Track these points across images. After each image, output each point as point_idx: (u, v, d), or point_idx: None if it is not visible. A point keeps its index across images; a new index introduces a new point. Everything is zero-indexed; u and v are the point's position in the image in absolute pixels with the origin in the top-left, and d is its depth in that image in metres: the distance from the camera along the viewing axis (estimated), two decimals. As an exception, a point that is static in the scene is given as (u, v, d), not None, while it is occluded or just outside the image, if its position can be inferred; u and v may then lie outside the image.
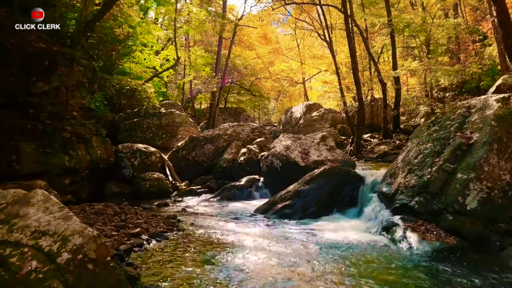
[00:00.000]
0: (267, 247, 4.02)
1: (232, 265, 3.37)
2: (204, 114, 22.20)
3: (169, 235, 4.50)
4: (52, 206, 2.60)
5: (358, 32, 14.03)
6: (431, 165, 4.51)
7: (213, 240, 4.35)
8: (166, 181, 8.70)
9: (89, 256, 2.24)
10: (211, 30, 19.35)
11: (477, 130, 4.40)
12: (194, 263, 3.45)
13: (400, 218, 4.39)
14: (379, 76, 13.27)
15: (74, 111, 7.84)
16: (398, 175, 5.00)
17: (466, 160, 4.22)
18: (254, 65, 23.43)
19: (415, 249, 3.84)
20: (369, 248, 4.02)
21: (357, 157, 11.07)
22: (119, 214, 5.18)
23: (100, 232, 4.17)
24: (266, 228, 5.08)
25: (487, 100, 4.70)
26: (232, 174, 9.17)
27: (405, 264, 3.49)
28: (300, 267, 3.38)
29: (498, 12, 8.66)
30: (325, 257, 3.69)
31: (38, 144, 6.70)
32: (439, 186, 4.28)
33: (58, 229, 2.37)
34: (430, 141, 4.86)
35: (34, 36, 7.07)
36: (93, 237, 2.33)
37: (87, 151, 7.73)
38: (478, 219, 3.91)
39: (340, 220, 5.53)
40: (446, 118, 5.00)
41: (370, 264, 3.52)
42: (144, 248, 3.92)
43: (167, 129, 11.85)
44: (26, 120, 6.71)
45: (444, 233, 4.01)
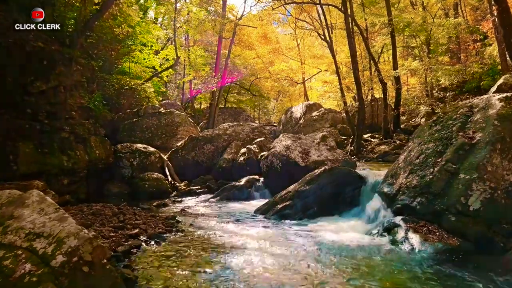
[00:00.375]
0: (267, 249, 3.97)
1: (232, 268, 3.32)
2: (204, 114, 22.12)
3: (168, 236, 4.45)
4: (48, 207, 2.54)
5: (358, 32, 13.98)
6: (433, 165, 4.45)
7: (213, 241, 4.29)
8: (165, 181, 8.65)
9: (85, 258, 2.18)
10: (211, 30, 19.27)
11: (480, 130, 4.34)
12: (193, 265, 3.40)
13: (402, 219, 4.33)
14: (379, 76, 13.21)
15: (72, 111, 7.78)
16: (400, 175, 4.94)
17: (469, 160, 4.17)
18: (254, 65, 23.35)
19: (417, 250, 3.78)
20: (370, 249, 3.96)
21: (358, 157, 11.01)
22: (118, 215, 5.12)
23: (98, 233, 4.12)
24: (266, 229, 5.02)
25: (490, 99, 4.64)
26: (232, 174, 9.12)
27: (407, 266, 3.44)
28: (301, 270, 3.33)
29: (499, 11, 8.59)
30: (326, 259, 3.64)
31: (36, 144, 6.65)
32: (442, 187, 4.22)
33: (53, 231, 2.32)
34: (432, 141, 4.80)
35: (32, 35, 7.02)
36: (89, 239, 2.28)
37: (85, 151, 7.67)
38: (481, 220, 3.85)
39: (341, 220, 5.47)
40: (448, 117, 4.94)
41: (372, 266, 3.46)
42: (142, 249, 3.87)
43: (166, 129, 11.80)
44: (24, 120, 6.66)
45: (447, 234, 3.95)
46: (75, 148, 7.41)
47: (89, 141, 7.85)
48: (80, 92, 8.69)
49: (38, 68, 6.91)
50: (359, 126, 12.00)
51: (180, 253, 3.76)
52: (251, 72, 23.28)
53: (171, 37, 17.94)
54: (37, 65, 6.90)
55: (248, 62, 23.10)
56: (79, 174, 7.54)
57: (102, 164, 8.13)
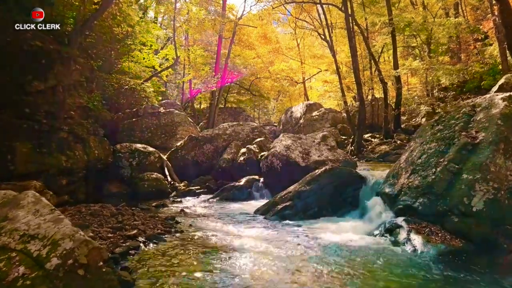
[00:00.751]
0: (267, 250, 3.91)
1: (232, 270, 3.26)
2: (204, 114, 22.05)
3: (167, 237, 4.39)
4: (43, 208, 2.49)
5: (358, 32, 13.93)
6: (436, 165, 4.39)
7: (212, 242, 4.23)
8: (164, 181, 8.59)
9: (80, 261, 2.13)
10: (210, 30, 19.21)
11: (483, 130, 4.29)
12: (192, 267, 3.34)
13: (404, 220, 4.28)
14: (380, 76, 13.16)
15: (71, 111, 7.73)
16: (401, 176, 4.89)
17: (472, 160, 4.11)
18: (254, 65, 23.29)
19: (419, 252, 3.73)
20: (372, 251, 3.90)
21: (358, 157, 10.95)
22: (116, 216, 5.07)
23: (95, 234, 4.07)
24: (266, 230, 4.96)
25: (493, 98, 4.59)
26: (232, 174, 9.05)
27: (410, 268, 3.38)
28: (302, 272, 3.27)
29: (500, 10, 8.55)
30: (327, 261, 3.58)
31: (34, 144, 6.58)
32: (444, 187, 4.17)
33: (48, 233, 2.26)
34: (434, 141, 4.74)
35: (31, 34, 6.96)
36: (85, 241, 2.22)
37: (84, 151, 7.61)
38: (484, 221, 3.79)
39: (342, 221, 5.41)
40: (451, 117, 4.89)
41: (374, 268, 3.40)
42: (140, 251, 3.81)
43: (166, 129, 11.74)
44: (22, 120, 6.59)
45: (450, 236, 3.89)
46: (73, 148, 7.35)
47: (88, 141, 7.79)
48: (79, 92, 8.63)
49: (36, 67, 6.84)
50: (360, 126, 11.95)
51: (179, 254, 3.70)
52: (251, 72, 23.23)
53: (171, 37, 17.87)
54: (35, 64, 6.84)
55: (248, 62, 23.04)
56: (78, 174, 7.49)
57: (101, 164, 8.07)
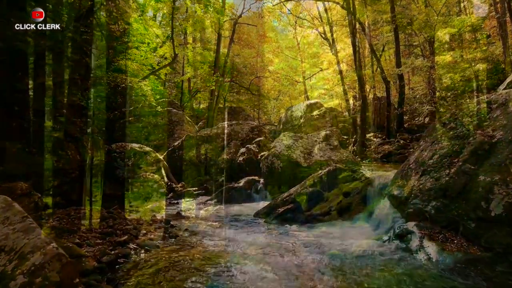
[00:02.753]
0: (269, 258, 3.61)
1: (230, 281, 2.96)
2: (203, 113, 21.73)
3: (160, 243, 4.09)
4: (14, 215, 2.18)
5: (360, 30, 13.64)
6: (449, 166, 4.09)
7: (209, 249, 3.93)
8: (161, 182, 8.29)
9: (51, 279, 1.82)
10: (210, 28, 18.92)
11: (501, 128, 3.99)
12: (186, 278, 3.04)
13: (415, 225, 3.98)
14: (382, 74, 12.88)
15: (63, 109, 7.42)
16: (411, 177, 4.58)
17: (489, 161, 3.81)
18: (254, 64, 22.98)
19: (434, 260, 3.42)
20: (382, 258, 3.60)
21: (361, 157, 10.67)
22: (107, 219, 4.77)
23: (83, 240, 3.76)
24: (267, 234, 4.67)
25: (510, 94, 4.29)
26: (231, 174, 8.76)
27: (426, 279, 3.08)
28: (306, 282, 2.97)
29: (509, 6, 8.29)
30: (333, 269, 3.29)
31: (24, 144, 6.28)
32: (459, 190, 3.87)
33: (17, 245, 1.96)
34: (447, 140, 4.44)
35: (21, 29, 6.66)
36: (57, 254, 1.92)
37: (77, 150, 7.29)
38: (504, 227, 3.49)
39: (347, 225, 5.11)
40: (464, 114, 4.59)
41: (387, 278, 3.10)
42: (131, 259, 3.50)
43: (163, 128, 11.45)
44: (10, 118, 6.29)
45: (466, 242, 3.59)
46: (66, 148, 7.03)
47: (81, 140, 7.47)
48: (72, 90, 8.32)
49: (26, 64, 6.53)
50: (362, 125, 11.66)
51: (172, 263, 3.39)
52: (250, 71, 22.92)
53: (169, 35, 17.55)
54: (25, 60, 6.53)
55: (248, 61, 22.74)
56: (71, 175, 7.15)
57: (95, 165, 7.76)
